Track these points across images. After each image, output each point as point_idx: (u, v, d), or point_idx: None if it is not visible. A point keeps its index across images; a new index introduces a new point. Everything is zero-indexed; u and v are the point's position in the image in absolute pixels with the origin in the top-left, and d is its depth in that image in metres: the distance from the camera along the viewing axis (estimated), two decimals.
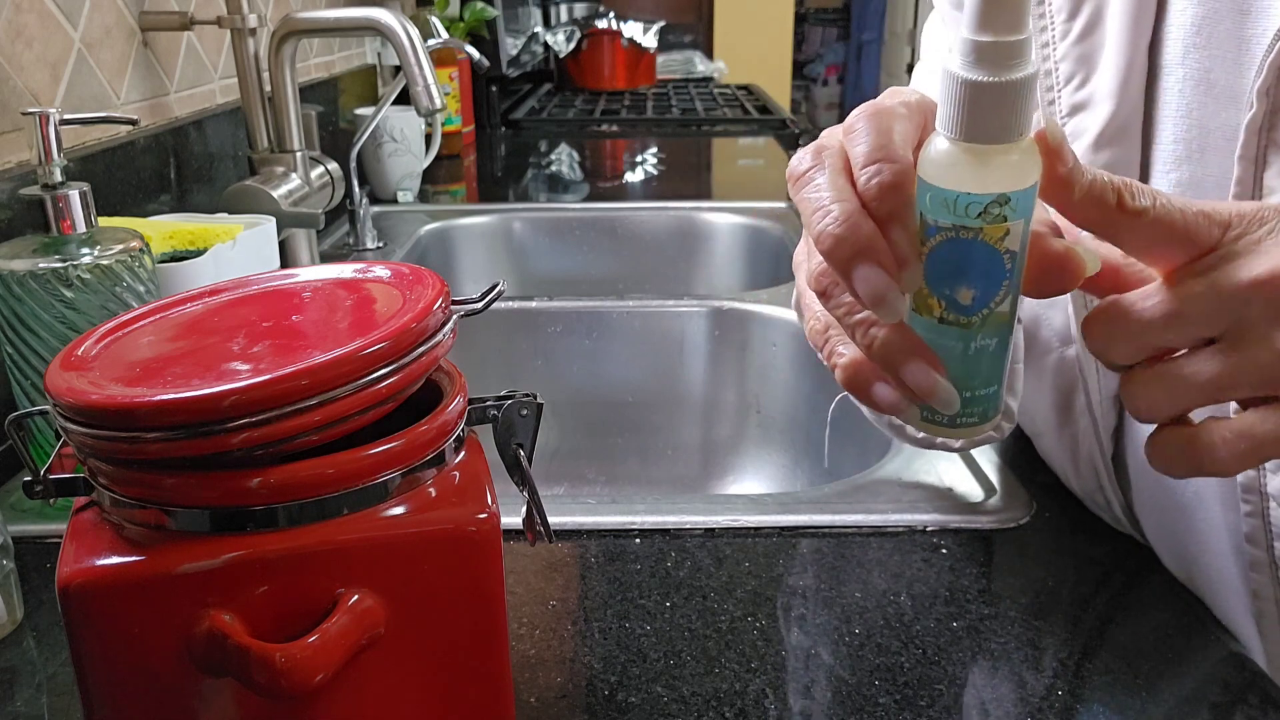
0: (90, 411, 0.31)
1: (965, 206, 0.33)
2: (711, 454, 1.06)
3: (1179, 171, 0.50)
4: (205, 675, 0.33)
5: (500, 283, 0.39)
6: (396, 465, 0.34)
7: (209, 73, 1.10)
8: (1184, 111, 0.50)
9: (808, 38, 5.79)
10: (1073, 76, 0.53)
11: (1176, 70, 0.50)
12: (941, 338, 0.36)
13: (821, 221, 0.36)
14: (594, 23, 2.47)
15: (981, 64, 0.32)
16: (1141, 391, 0.37)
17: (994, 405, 0.38)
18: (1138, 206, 0.35)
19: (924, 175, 0.34)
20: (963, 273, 0.34)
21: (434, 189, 1.54)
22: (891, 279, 0.35)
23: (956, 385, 0.37)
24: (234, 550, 0.32)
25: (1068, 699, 0.46)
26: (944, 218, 0.34)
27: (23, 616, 0.52)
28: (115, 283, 0.60)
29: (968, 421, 0.38)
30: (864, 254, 0.35)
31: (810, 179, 0.38)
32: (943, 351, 0.36)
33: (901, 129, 0.37)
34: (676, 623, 0.52)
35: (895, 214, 0.35)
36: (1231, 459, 0.36)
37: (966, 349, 0.36)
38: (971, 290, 0.35)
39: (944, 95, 0.33)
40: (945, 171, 0.33)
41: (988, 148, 0.33)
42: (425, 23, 1.57)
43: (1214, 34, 0.48)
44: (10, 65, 0.75)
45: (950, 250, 0.34)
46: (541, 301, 1.04)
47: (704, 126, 2.09)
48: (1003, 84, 0.32)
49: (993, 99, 0.32)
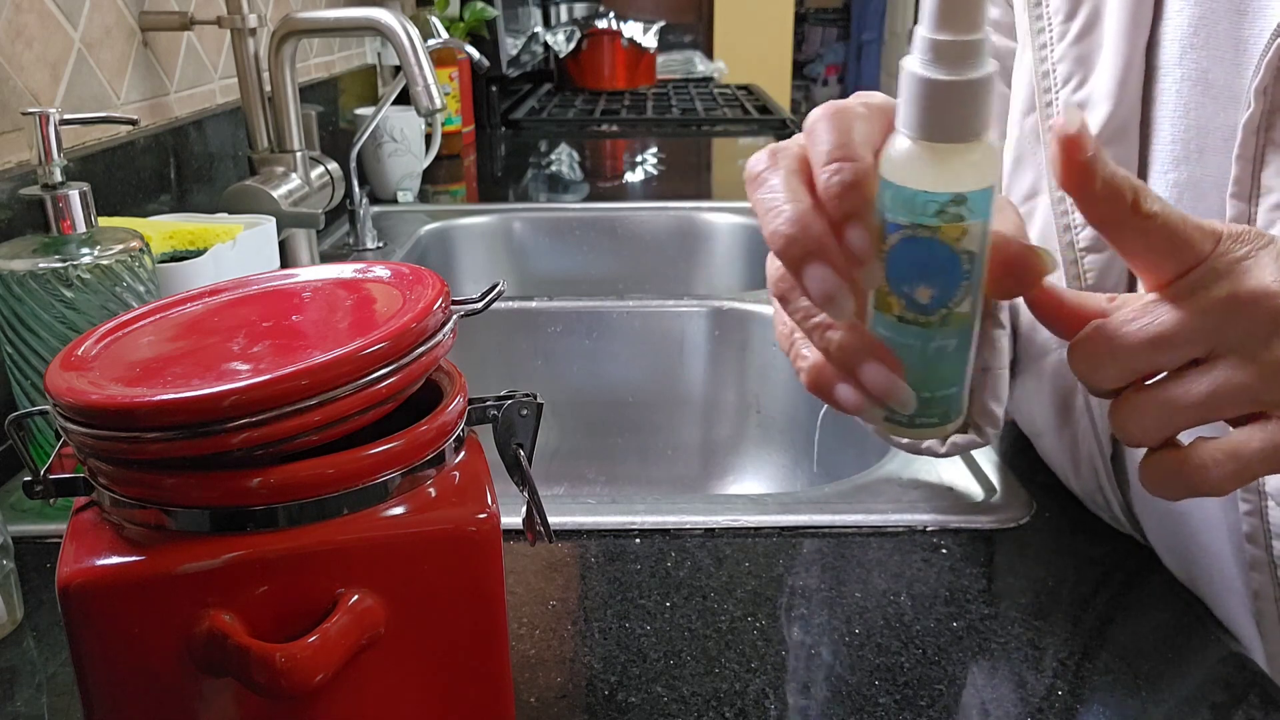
0: (90, 411, 0.31)
1: (923, 205, 0.33)
2: (711, 454, 1.06)
3: (1177, 172, 0.50)
4: (205, 675, 0.33)
5: (500, 283, 0.39)
6: (396, 465, 0.34)
7: (209, 73, 1.10)
8: (1181, 112, 0.50)
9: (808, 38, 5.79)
10: (1071, 77, 0.53)
11: (1174, 71, 0.50)
12: (902, 336, 0.36)
13: (774, 222, 0.37)
14: (594, 23, 2.47)
15: (939, 62, 0.32)
16: (1131, 416, 0.37)
17: (955, 407, 0.38)
18: (1150, 210, 0.35)
19: (884, 173, 0.35)
20: (920, 272, 0.35)
21: (434, 189, 1.54)
22: (841, 278, 0.35)
23: (916, 385, 0.37)
24: (234, 550, 0.32)
25: (1068, 699, 0.46)
26: (902, 216, 0.34)
27: (23, 616, 0.52)
28: (115, 283, 0.60)
29: (927, 422, 0.38)
30: (814, 254, 0.35)
31: (764, 180, 0.38)
32: (903, 350, 0.37)
33: (862, 129, 0.37)
34: (676, 623, 0.52)
35: (853, 212, 0.35)
36: (1223, 479, 0.36)
37: (925, 348, 0.36)
38: (930, 289, 0.35)
39: (903, 93, 0.34)
40: (903, 170, 0.34)
41: (946, 147, 0.33)
42: (425, 23, 1.57)
43: (1211, 34, 0.48)
44: (10, 65, 0.75)
45: (908, 249, 0.34)
46: (541, 301, 1.04)
47: (704, 126, 2.09)
48: (960, 83, 0.32)
49: (950, 97, 0.32)
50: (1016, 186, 0.60)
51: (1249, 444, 0.35)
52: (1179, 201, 0.51)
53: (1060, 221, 0.54)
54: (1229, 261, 0.35)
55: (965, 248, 0.34)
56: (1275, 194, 0.45)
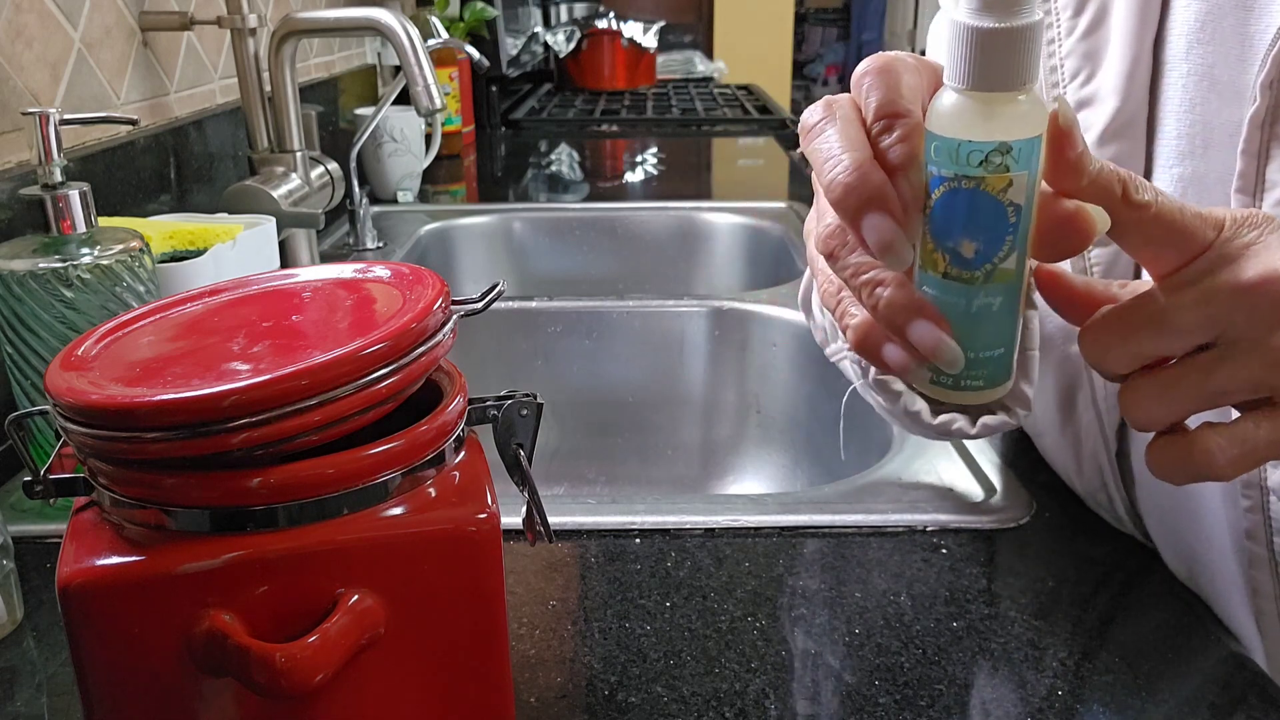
0: (90, 411, 0.31)
1: (967, 155, 0.33)
2: (711, 454, 1.06)
3: (1182, 167, 0.50)
4: (205, 675, 0.33)
5: (500, 283, 0.39)
6: (396, 465, 0.34)
7: (209, 73, 1.10)
8: (1187, 107, 0.50)
9: (808, 38, 5.79)
10: (1078, 72, 0.53)
11: (1180, 66, 0.50)
12: (947, 294, 0.36)
13: (833, 170, 0.36)
14: (594, 23, 2.47)
15: (988, 10, 0.32)
16: (1139, 400, 0.37)
17: (1003, 369, 0.38)
18: (1142, 200, 0.35)
19: (930, 126, 0.34)
20: (965, 224, 0.34)
21: (434, 189, 1.54)
22: (900, 227, 0.35)
23: (961, 344, 0.36)
24: (234, 550, 0.32)
25: (1068, 699, 0.46)
26: (947, 167, 0.34)
27: (23, 616, 0.52)
28: (115, 283, 0.60)
29: (972, 384, 0.38)
30: (873, 202, 0.35)
31: (821, 130, 0.38)
32: (948, 309, 0.36)
33: (910, 81, 0.37)
34: (676, 623, 0.52)
35: (904, 164, 0.35)
36: (1228, 464, 0.36)
37: (970, 305, 0.36)
38: (974, 243, 0.35)
39: (951, 45, 0.34)
40: (949, 121, 0.34)
41: (992, 95, 0.33)
42: (425, 23, 1.57)
43: (1217, 30, 0.48)
44: (10, 65, 0.75)
45: (953, 201, 0.34)
46: (541, 301, 1.04)
47: (704, 126, 2.09)
48: (1008, 30, 0.32)
49: (997, 45, 0.32)
50: None
51: (1255, 430, 0.35)
52: (1184, 196, 0.51)
53: None
54: (1236, 247, 0.35)
55: (1011, 199, 0.34)
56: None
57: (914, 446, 0.69)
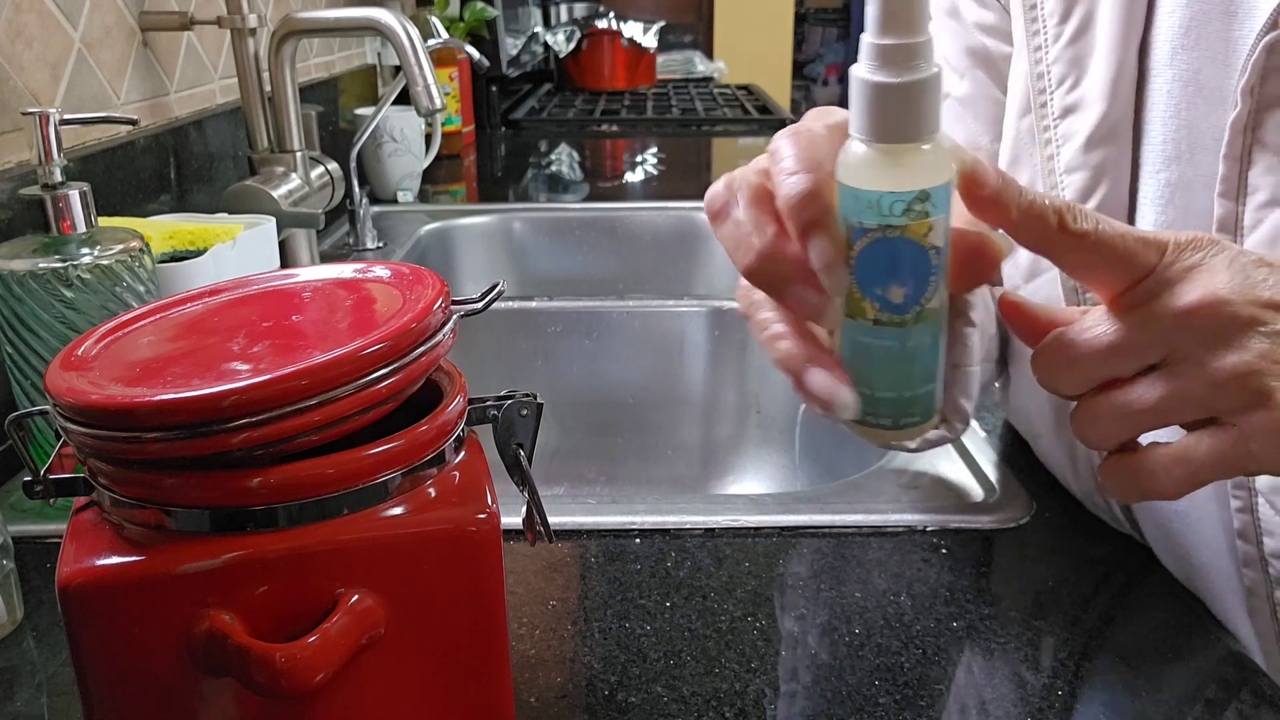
0: (90, 411, 0.31)
1: (890, 205, 0.34)
2: (711, 454, 1.06)
3: (1169, 171, 0.51)
4: (205, 675, 0.33)
5: (500, 283, 0.39)
6: (396, 465, 0.34)
7: (209, 73, 1.10)
8: (1173, 112, 0.50)
9: (808, 38, 5.79)
10: (1065, 79, 0.54)
11: (1165, 71, 0.50)
12: (879, 339, 0.37)
13: (745, 259, 0.37)
14: (594, 23, 2.47)
15: (886, 66, 0.33)
16: (1090, 421, 0.38)
17: (934, 402, 0.39)
18: (1080, 229, 0.35)
19: (844, 180, 0.35)
20: (892, 272, 0.35)
21: (434, 189, 1.54)
22: (819, 292, 0.36)
23: (898, 385, 0.37)
24: (234, 550, 0.32)
25: (1068, 699, 0.46)
26: (869, 219, 0.34)
27: (23, 616, 0.52)
28: (115, 283, 0.60)
29: (910, 422, 0.38)
30: (789, 279, 0.36)
31: (726, 214, 0.39)
32: (881, 353, 0.37)
33: (822, 145, 0.37)
34: (676, 623, 0.52)
35: (816, 221, 0.35)
36: (1172, 484, 0.36)
37: (904, 348, 0.37)
38: (902, 288, 0.35)
39: (854, 99, 0.34)
40: (865, 173, 0.34)
41: (902, 147, 0.34)
42: (425, 23, 1.57)
43: (1202, 36, 0.49)
44: (10, 65, 0.75)
45: (878, 250, 0.35)
46: (541, 301, 1.04)
47: (704, 126, 2.09)
48: (908, 84, 0.33)
49: (900, 99, 0.33)
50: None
51: (1196, 449, 0.36)
52: (1170, 201, 0.51)
53: None
54: (1179, 270, 0.36)
55: (932, 243, 0.35)
56: (1262, 193, 0.46)
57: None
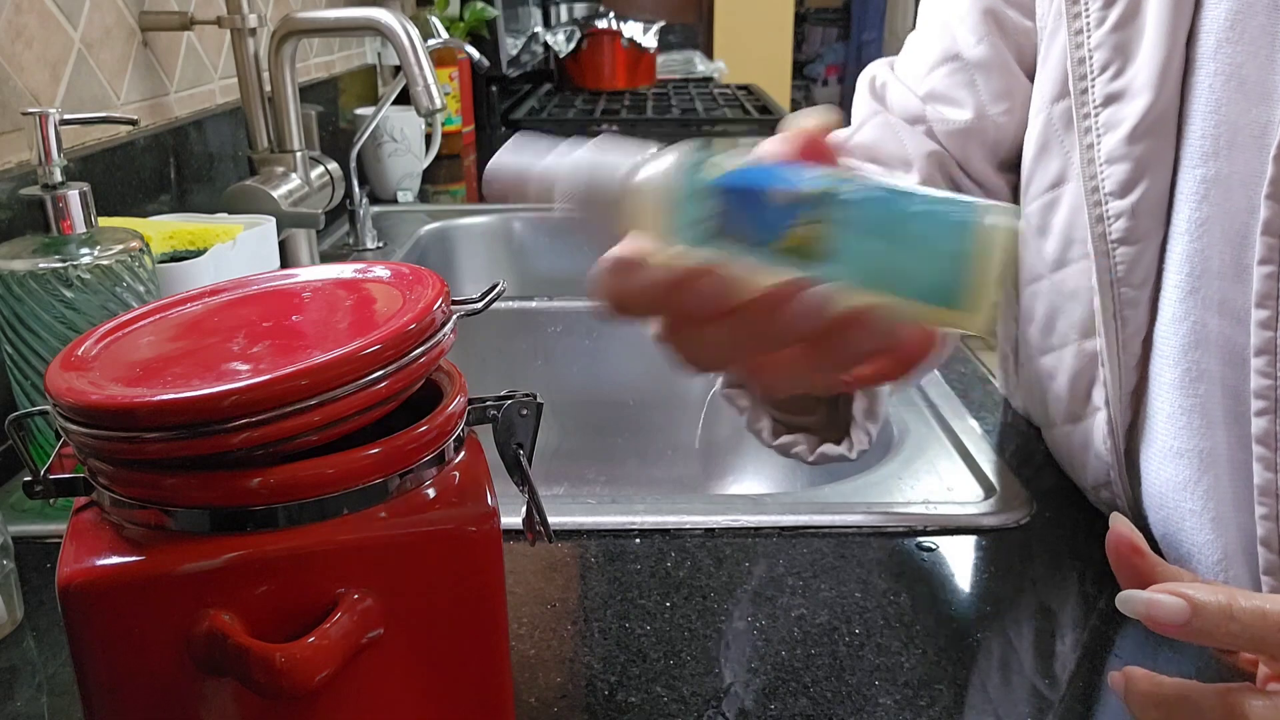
0: (90, 411, 0.31)
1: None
2: (711, 454, 1.06)
3: (1205, 167, 0.50)
4: (205, 675, 0.33)
5: (500, 283, 0.39)
6: (396, 465, 0.34)
7: (209, 73, 1.10)
8: (1213, 106, 0.50)
9: (808, 38, 5.79)
10: (1108, 65, 0.53)
11: (1208, 64, 0.50)
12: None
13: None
14: (594, 23, 2.47)
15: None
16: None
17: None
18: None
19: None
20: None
21: (434, 189, 1.54)
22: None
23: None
24: (234, 550, 0.32)
25: (1068, 698, 0.46)
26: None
27: (23, 616, 0.52)
28: (115, 283, 0.60)
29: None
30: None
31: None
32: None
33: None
34: (676, 623, 0.52)
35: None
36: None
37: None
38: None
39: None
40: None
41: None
42: (425, 23, 1.57)
43: (1246, 29, 0.48)
44: (10, 65, 0.75)
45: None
46: (541, 301, 1.04)
47: (704, 126, 2.09)
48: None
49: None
50: (1040, 175, 0.60)
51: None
52: (1206, 198, 0.50)
53: (1093, 211, 0.54)
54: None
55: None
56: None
57: (914, 446, 0.69)
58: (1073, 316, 0.58)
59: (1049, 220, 0.59)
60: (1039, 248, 0.60)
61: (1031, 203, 0.61)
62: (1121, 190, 0.53)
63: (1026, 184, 0.61)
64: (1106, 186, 0.53)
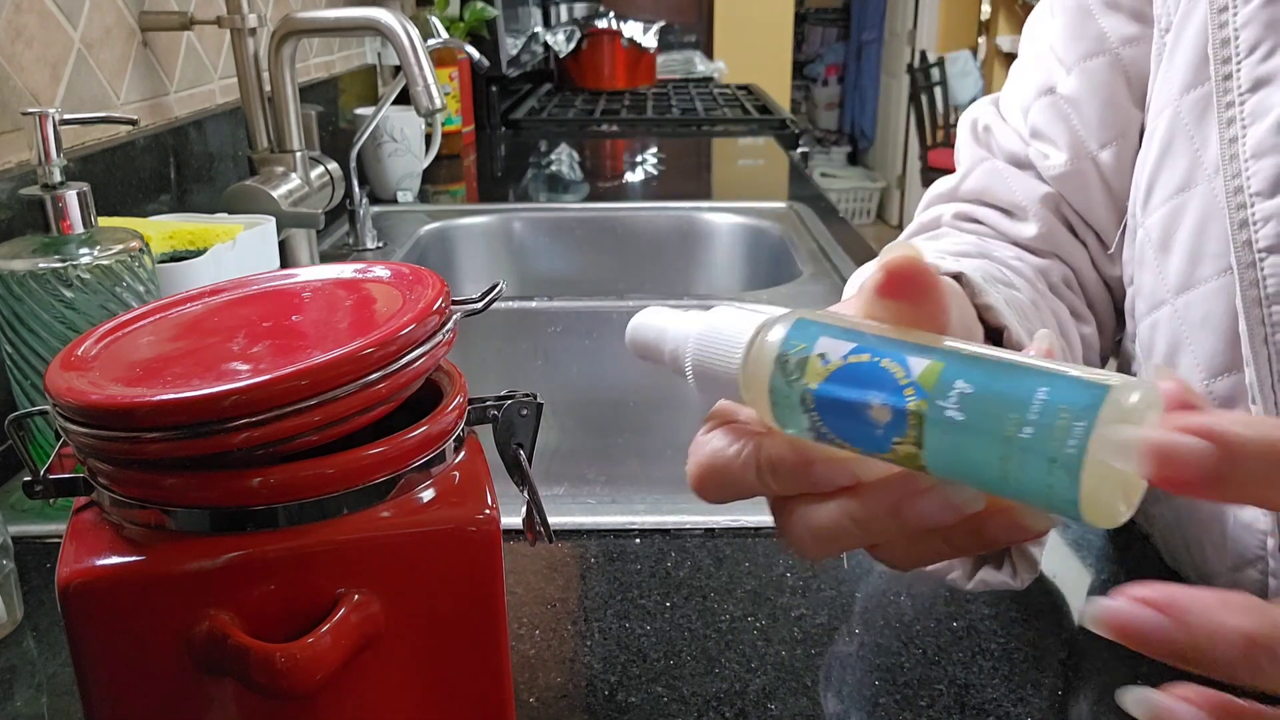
0: (90, 411, 0.31)
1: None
2: None
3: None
4: (205, 675, 0.33)
5: (500, 283, 0.39)
6: (396, 465, 0.34)
7: (209, 73, 1.10)
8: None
9: (808, 38, 5.79)
10: (1257, 45, 0.45)
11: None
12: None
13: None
14: (594, 23, 2.47)
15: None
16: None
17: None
18: None
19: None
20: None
21: (434, 189, 1.54)
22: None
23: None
24: (234, 550, 0.32)
25: (1068, 698, 0.46)
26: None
27: (23, 616, 0.52)
28: (115, 283, 0.60)
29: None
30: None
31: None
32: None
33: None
34: (676, 623, 0.52)
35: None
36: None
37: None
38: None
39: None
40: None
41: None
42: (425, 23, 1.57)
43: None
44: (10, 65, 0.75)
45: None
46: (541, 301, 1.04)
47: (704, 126, 2.09)
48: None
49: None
50: (1164, 180, 0.52)
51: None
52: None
53: (1235, 216, 0.45)
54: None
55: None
56: None
57: None
58: (1200, 350, 0.49)
59: (1172, 234, 0.51)
60: (1160, 267, 0.51)
61: (1152, 214, 0.52)
62: (1271, 189, 0.44)
63: (1147, 194, 0.53)
64: (1252, 185, 0.45)
